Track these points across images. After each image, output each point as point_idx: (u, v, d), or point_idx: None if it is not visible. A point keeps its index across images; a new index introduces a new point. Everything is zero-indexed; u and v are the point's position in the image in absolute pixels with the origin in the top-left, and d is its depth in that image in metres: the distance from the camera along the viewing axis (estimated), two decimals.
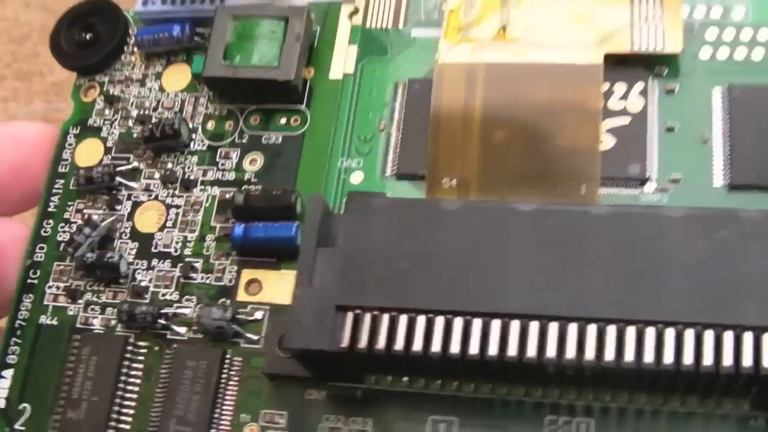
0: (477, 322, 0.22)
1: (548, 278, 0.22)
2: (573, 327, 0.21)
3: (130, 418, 0.28)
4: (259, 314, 0.28)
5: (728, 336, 0.21)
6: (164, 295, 0.29)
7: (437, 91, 0.28)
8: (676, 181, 0.26)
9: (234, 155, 0.31)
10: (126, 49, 0.35)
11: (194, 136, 0.32)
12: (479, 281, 0.22)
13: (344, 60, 0.30)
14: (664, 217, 0.22)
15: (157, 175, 0.32)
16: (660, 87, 0.27)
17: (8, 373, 0.29)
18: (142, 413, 0.27)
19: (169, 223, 0.31)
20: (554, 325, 0.21)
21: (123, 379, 0.28)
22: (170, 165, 0.32)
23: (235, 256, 0.29)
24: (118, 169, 0.32)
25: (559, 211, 0.23)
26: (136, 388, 0.28)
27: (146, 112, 0.33)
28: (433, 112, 0.27)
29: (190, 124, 0.32)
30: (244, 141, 0.31)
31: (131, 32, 0.35)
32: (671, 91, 0.27)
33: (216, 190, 0.31)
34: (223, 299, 0.29)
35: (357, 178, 0.29)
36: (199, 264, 0.30)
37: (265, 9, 0.30)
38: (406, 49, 0.30)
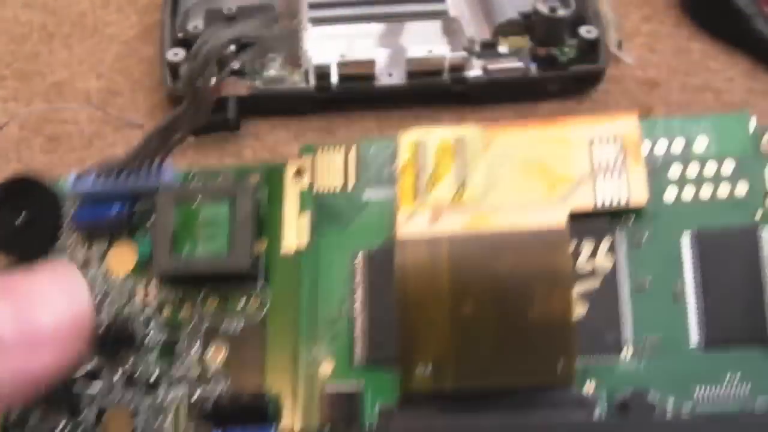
0: None
1: None
2: None
3: None
4: None
5: None
6: None
7: (401, 272, 0.26)
8: (652, 343, 0.25)
9: (195, 346, 0.29)
10: (64, 229, 0.33)
11: (151, 325, 0.30)
12: None
13: (296, 231, 0.29)
14: None
15: (116, 377, 0.30)
16: (628, 239, 0.26)
17: None
18: None
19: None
20: None
21: None
22: (128, 365, 0.30)
23: None
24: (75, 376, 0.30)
25: None
26: None
27: (95, 302, 0.31)
28: (398, 294, 0.26)
29: (143, 313, 0.30)
30: (203, 330, 0.29)
31: (68, 210, 0.33)
32: (639, 243, 0.26)
33: (182, 389, 0.29)
34: None
35: (327, 368, 0.27)
36: None
37: (208, 189, 0.29)
38: (360, 215, 0.28)
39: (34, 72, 0.46)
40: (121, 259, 0.31)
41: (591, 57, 0.44)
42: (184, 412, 0.28)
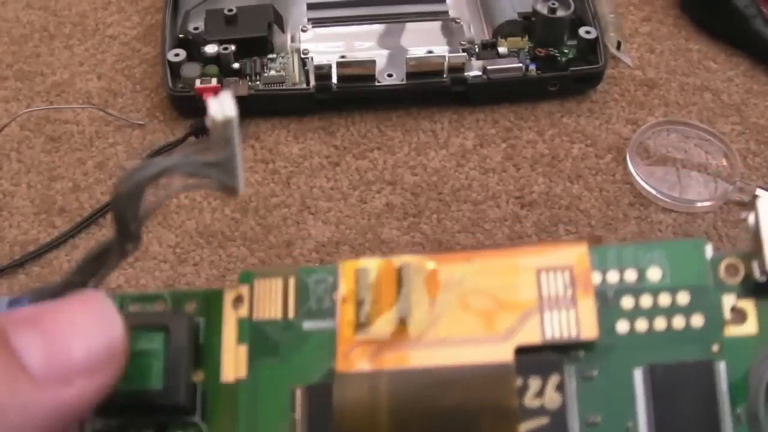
0: None
1: None
2: None
3: None
4: None
5: None
6: None
7: (339, 408, 0.24)
8: None
9: None
10: None
11: None
12: None
13: (234, 361, 0.26)
14: None
15: None
16: (577, 374, 0.25)
17: None
18: None
19: None
20: None
21: None
22: None
23: None
24: None
25: None
26: None
27: None
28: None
29: None
30: None
31: None
32: (589, 378, 0.25)
33: None
34: None
35: None
36: None
37: (142, 319, 0.26)
38: (299, 346, 0.26)
39: (36, 72, 0.46)
40: None
41: (590, 58, 0.44)
42: None
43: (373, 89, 0.43)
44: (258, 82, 0.43)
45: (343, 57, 0.42)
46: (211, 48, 0.43)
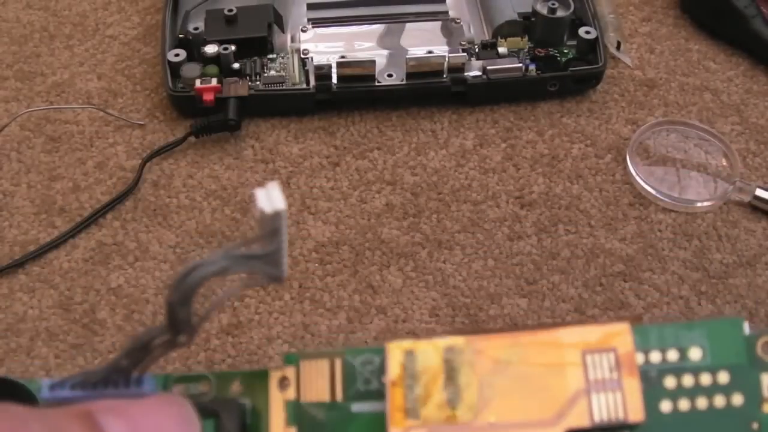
0: None
1: None
2: None
3: None
4: None
5: None
6: None
7: None
8: None
9: None
10: None
11: None
12: None
13: None
14: None
15: None
16: None
17: None
18: None
19: None
20: None
21: None
22: None
23: None
24: None
25: None
26: None
27: None
28: None
29: None
30: None
31: None
32: None
33: None
34: None
35: None
36: None
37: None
38: (348, 428, 0.26)
39: (36, 72, 0.46)
40: None
41: (590, 58, 0.44)
42: None
43: (373, 89, 0.43)
44: (258, 82, 0.43)
45: (343, 57, 0.42)
46: (211, 48, 0.43)
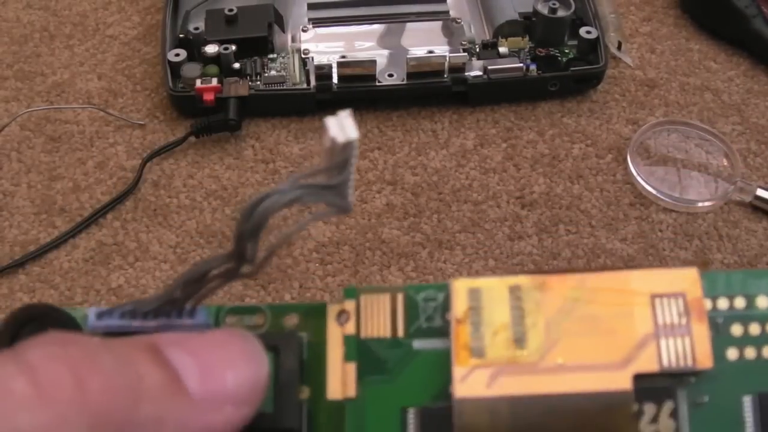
0: None
1: None
2: None
3: None
4: None
5: None
6: None
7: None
8: None
9: None
10: None
11: None
12: None
13: (342, 379, 0.26)
14: None
15: None
16: (688, 400, 0.24)
17: None
18: None
19: None
20: None
21: None
22: None
23: None
24: None
25: None
26: None
27: None
28: None
29: None
30: None
31: None
32: (700, 404, 0.24)
33: None
34: None
35: None
36: None
37: None
38: (409, 365, 0.26)
39: (36, 72, 0.46)
40: None
41: (591, 58, 0.44)
42: None
43: (373, 89, 0.42)
44: (258, 82, 0.43)
45: (343, 57, 0.42)
46: (211, 48, 0.43)
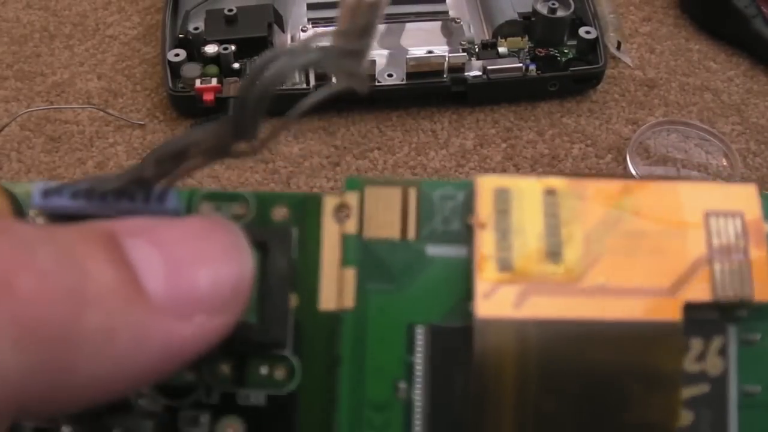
0: None
1: None
2: None
3: None
4: None
5: None
6: None
7: (481, 359, 0.21)
8: None
9: (203, 421, 0.23)
10: None
11: (143, 390, 0.19)
12: None
13: (338, 286, 0.21)
14: None
15: None
16: (739, 337, 0.21)
17: None
18: None
19: None
20: None
21: None
22: None
23: None
24: None
25: None
26: None
27: None
28: (475, 384, 0.21)
29: None
30: (213, 402, 0.18)
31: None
32: (751, 342, 0.22)
33: None
34: None
35: None
36: None
37: None
38: (420, 274, 0.22)
39: (36, 72, 0.46)
40: None
41: (590, 58, 0.44)
42: None
43: (373, 89, 0.42)
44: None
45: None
46: (211, 48, 0.43)
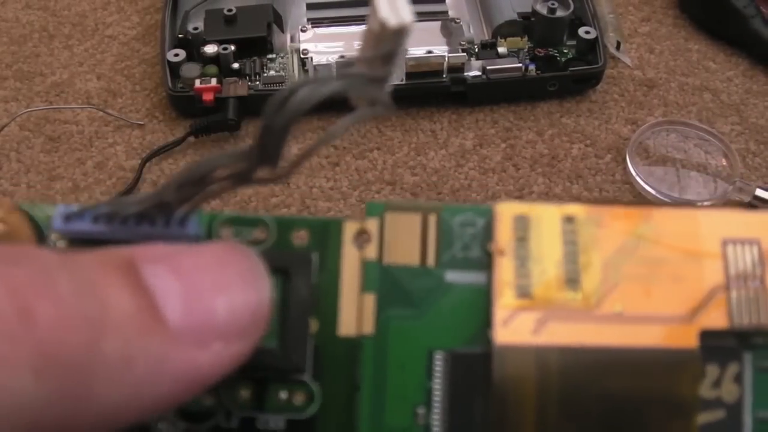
0: None
1: None
2: None
3: None
4: None
5: None
6: None
7: (501, 386, 0.21)
8: None
9: None
10: None
11: (163, 415, 0.19)
12: None
13: (357, 311, 0.22)
14: None
15: None
16: (755, 364, 0.22)
17: None
18: None
19: None
20: None
21: None
22: None
23: None
24: None
25: None
26: None
27: None
28: (495, 410, 0.21)
29: None
30: (233, 426, 0.20)
31: None
32: (766, 369, 0.22)
33: None
34: None
35: None
36: None
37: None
38: (439, 301, 0.22)
39: (35, 72, 0.46)
40: None
41: (590, 58, 0.44)
42: None
43: None
44: (258, 82, 0.43)
45: (342, 57, 0.42)
46: (210, 48, 0.43)
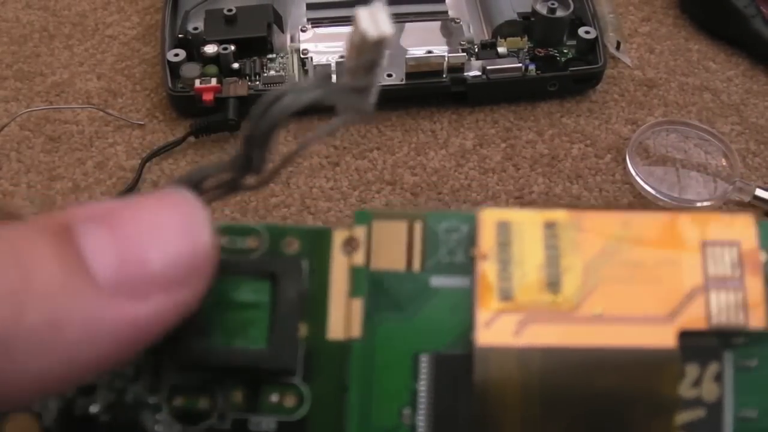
0: None
1: None
2: None
3: None
4: None
5: None
6: None
7: (482, 387, 0.21)
8: None
9: None
10: None
11: (159, 417, 0.21)
12: None
13: (346, 316, 0.23)
14: None
15: None
16: (735, 363, 0.22)
17: None
18: None
19: None
20: None
21: None
22: None
23: None
24: None
25: None
26: None
27: None
28: (477, 411, 0.22)
29: (152, 398, 0.21)
30: (226, 427, 0.22)
31: None
32: (747, 368, 0.22)
33: None
34: None
35: None
36: None
37: (246, 266, 0.22)
38: (425, 304, 0.23)
39: (35, 72, 0.46)
40: None
41: (590, 58, 0.44)
42: None
43: None
44: (258, 83, 0.43)
45: (342, 57, 0.42)
46: (210, 48, 0.43)
